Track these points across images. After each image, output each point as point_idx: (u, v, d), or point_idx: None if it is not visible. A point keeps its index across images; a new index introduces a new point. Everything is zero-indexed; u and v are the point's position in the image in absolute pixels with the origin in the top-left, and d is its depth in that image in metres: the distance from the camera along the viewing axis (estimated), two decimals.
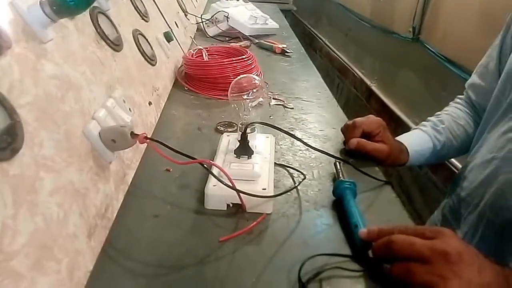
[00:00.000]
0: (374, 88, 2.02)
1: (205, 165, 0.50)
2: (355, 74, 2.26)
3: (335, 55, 2.63)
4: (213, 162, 0.51)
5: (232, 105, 0.61)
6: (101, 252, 0.44)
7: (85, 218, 0.43)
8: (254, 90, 0.59)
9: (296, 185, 0.58)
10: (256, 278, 0.43)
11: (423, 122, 0.82)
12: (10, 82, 0.39)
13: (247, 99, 0.59)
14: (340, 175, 0.60)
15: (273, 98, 0.92)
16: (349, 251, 0.48)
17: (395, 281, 0.42)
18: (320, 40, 2.99)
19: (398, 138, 0.76)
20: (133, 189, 0.56)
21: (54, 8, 0.46)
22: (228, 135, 0.66)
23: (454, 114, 0.80)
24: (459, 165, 1.25)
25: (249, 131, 0.58)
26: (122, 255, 0.45)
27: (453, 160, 1.28)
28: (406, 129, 1.60)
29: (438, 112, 0.83)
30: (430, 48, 1.51)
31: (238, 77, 0.61)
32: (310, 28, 3.31)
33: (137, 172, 0.60)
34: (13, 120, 0.38)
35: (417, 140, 0.76)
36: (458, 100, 0.84)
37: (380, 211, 0.57)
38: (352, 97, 2.27)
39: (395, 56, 1.85)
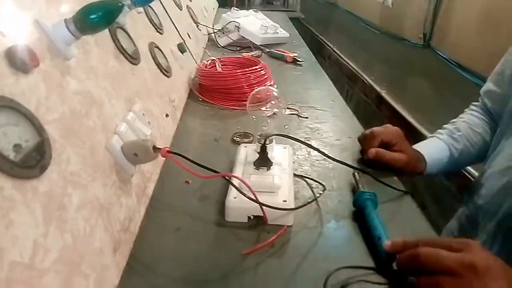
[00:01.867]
0: (384, 94, 2.02)
1: (227, 178, 0.51)
2: (365, 80, 2.26)
3: (344, 62, 2.63)
4: (234, 175, 0.51)
5: (251, 117, 0.62)
6: (126, 266, 0.44)
7: (110, 233, 0.44)
8: (272, 102, 0.59)
9: (316, 196, 0.57)
10: None
11: (439, 130, 0.81)
12: (38, 100, 0.40)
13: (266, 110, 0.59)
14: (360, 186, 0.60)
15: (287, 108, 0.92)
16: (372, 263, 0.48)
17: None
18: (328, 47, 3.00)
19: (415, 146, 0.75)
20: (154, 202, 0.56)
21: (78, 25, 0.47)
22: (245, 146, 0.66)
23: (470, 121, 0.80)
24: (474, 172, 1.23)
25: (268, 142, 0.58)
26: (146, 269, 0.45)
27: (468, 167, 1.27)
28: (418, 135, 1.59)
29: (454, 120, 0.83)
30: (441, 54, 1.50)
31: (257, 89, 0.62)
32: (318, 36, 3.32)
33: (157, 185, 0.60)
34: (42, 137, 0.38)
35: (434, 148, 0.76)
36: (474, 107, 0.84)
37: (401, 221, 0.57)
38: (362, 103, 2.27)
39: (406, 62, 1.84)
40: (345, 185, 0.64)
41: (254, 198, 0.49)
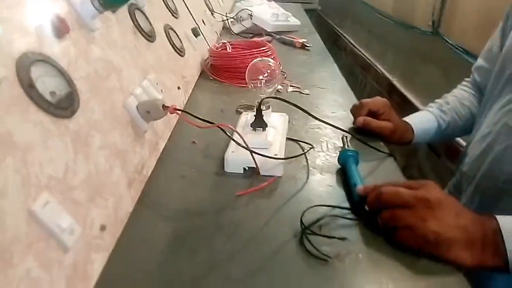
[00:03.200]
0: (395, 82, 2.05)
1: (223, 129, 0.59)
2: (378, 69, 2.29)
3: (359, 52, 2.67)
4: (231, 127, 0.59)
5: (250, 86, 0.70)
6: (138, 200, 0.54)
7: (126, 172, 0.53)
8: (269, 71, 0.67)
9: (305, 151, 0.65)
10: (265, 223, 0.51)
11: (431, 104, 0.88)
12: (68, 60, 0.49)
13: (262, 79, 0.67)
14: (346, 147, 0.67)
15: (290, 85, 1.00)
16: (348, 206, 0.55)
17: (385, 227, 0.48)
18: (344, 39, 3.04)
19: (405, 118, 0.81)
20: (164, 156, 0.65)
21: (101, 1, 0.56)
22: (247, 114, 0.74)
23: (459, 95, 0.86)
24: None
25: (264, 108, 0.66)
26: (154, 203, 0.54)
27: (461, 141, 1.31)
28: None
29: (446, 94, 0.89)
30: (449, 41, 1.54)
31: (254, 61, 0.69)
32: (335, 27, 3.35)
33: (167, 143, 0.69)
34: (72, 89, 0.48)
35: (422, 119, 0.82)
36: (465, 83, 0.90)
37: (381, 178, 0.63)
38: (375, 92, 2.31)
39: (416, 50, 1.88)
40: (333, 148, 0.71)
41: (247, 148, 0.57)
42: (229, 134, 0.59)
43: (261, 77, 0.68)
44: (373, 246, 0.48)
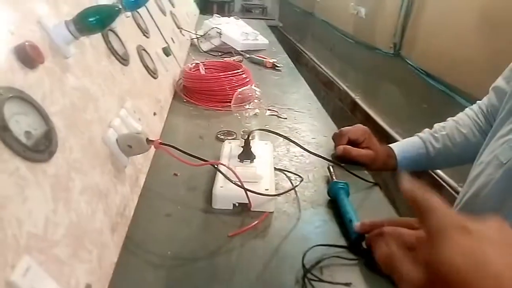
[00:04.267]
0: (358, 100, 2.12)
1: (215, 166, 0.55)
2: (340, 87, 2.35)
3: (321, 69, 2.73)
4: (222, 163, 0.56)
5: (235, 115, 0.67)
6: (123, 246, 0.49)
7: (109, 216, 0.48)
8: (256, 101, 0.65)
9: (295, 185, 0.63)
10: (264, 267, 0.48)
11: (426, 129, 0.83)
12: (43, 93, 0.44)
13: (249, 109, 0.65)
14: (333, 177, 0.66)
15: (267, 109, 0.98)
16: (345, 243, 0.54)
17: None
18: (306, 55, 3.10)
19: (392, 144, 0.80)
20: (145, 192, 0.60)
21: (78, 27, 0.51)
22: (229, 142, 0.71)
23: (460, 121, 0.80)
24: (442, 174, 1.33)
25: (251, 137, 0.64)
26: (141, 249, 0.49)
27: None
28: (390, 138, 1.69)
29: (449, 118, 0.83)
30: (410, 63, 1.61)
31: (241, 89, 0.67)
32: (296, 44, 3.42)
33: (147, 177, 0.64)
34: (48, 126, 0.42)
35: (408, 145, 0.80)
36: (473, 107, 0.83)
37: (371, 209, 0.63)
38: (338, 109, 2.36)
39: (378, 70, 1.94)
40: (320, 177, 0.70)
41: (240, 186, 0.54)
42: (221, 171, 0.56)
43: (247, 106, 0.66)
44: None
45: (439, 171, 1.34)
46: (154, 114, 0.79)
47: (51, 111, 0.44)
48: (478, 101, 0.82)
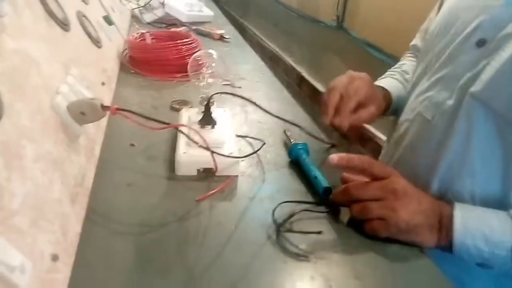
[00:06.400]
0: (304, 74, 2.16)
1: (180, 130, 0.54)
2: (286, 62, 2.38)
3: (266, 44, 2.73)
4: (186, 125, 0.54)
5: (192, 80, 0.65)
6: (86, 217, 0.46)
7: (66, 186, 0.44)
8: (213, 64, 0.63)
9: (258, 148, 0.63)
10: (235, 226, 0.48)
11: (389, 72, 0.80)
12: None
13: (207, 73, 0.63)
14: (291, 140, 0.67)
15: (221, 79, 0.96)
16: (312, 200, 0.55)
17: (355, 219, 0.50)
18: (250, 31, 3.08)
19: (379, 83, 0.74)
20: (102, 164, 0.57)
21: None
22: (187, 111, 0.69)
23: (413, 67, 0.75)
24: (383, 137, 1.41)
25: (210, 104, 0.62)
26: (105, 219, 0.47)
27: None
28: None
29: (397, 64, 0.83)
30: (353, 34, 1.66)
31: (197, 53, 0.65)
32: (239, 19, 3.37)
33: (102, 148, 0.60)
34: None
35: (397, 88, 0.74)
36: (411, 56, 0.84)
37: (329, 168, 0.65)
38: (285, 84, 2.39)
39: (322, 43, 1.99)
40: (279, 141, 0.71)
41: (205, 150, 0.53)
42: (186, 134, 0.54)
43: (204, 70, 0.64)
44: (345, 237, 0.49)
45: None
46: (103, 84, 0.74)
47: None
48: (408, 52, 0.85)
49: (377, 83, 0.74)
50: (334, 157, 0.50)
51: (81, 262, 0.40)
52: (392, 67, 0.84)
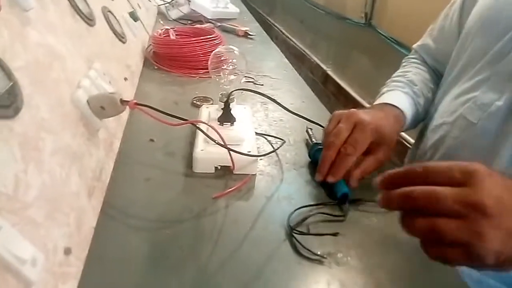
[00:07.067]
0: (330, 72, 2.12)
1: (198, 127, 0.53)
2: (311, 59, 2.35)
3: (291, 42, 2.70)
4: (205, 122, 0.54)
5: (213, 77, 0.64)
6: (102, 211, 0.46)
7: (84, 179, 0.45)
8: (234, 60, 0.62)
9: (278, 147, 0.62)
10: (251, 227, 0.47)
11: (395, 83, 0.72)
12: (3, 46, 0.40)
13: (227, 69, 0.62)
14: (313, 139, 0.65)
15: (244, 76, 0.95)
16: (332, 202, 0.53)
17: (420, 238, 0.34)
18: (275, 28, 3.05)
19: (389, 101, 0.65)
20: (121, 158, 0.57)
21: None
22: (207, 107, 0.69)
23: (421, 75, 0.73)
24: (410, 139, 1.36)
25: (230, 100, 0.61)
26: (121, 213, 0.47)
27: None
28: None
29: (401, 72, 0.75)
30: (381, 32, 1.62)
31: (218, 48, 0.64)
32: (265, 16, 3.36)
33: (122, 143, 0.61)
34: (12, 81, 0.38)
35: (412, 105, 0.67)
36: (416, 61, 0.77)
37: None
38: (310, 82, 2.36)
39: (349, 40, 1.95)
40: (300, 140, 0.69)
41: (223, 148, 0.52)
42: (204, 131, 0.53)
43: (224, 66, 0.63)
44: (364, 241, 0.47)
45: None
46: (125, 79, 0.75)
47: (13, 66, 0.40)
48: (410, 57, 0.79)
49: (387, 100, 0.65)
50: (375, 180, 0.37)
51: (94, 256, 0.40)
52: (396, 74, 0.75)
